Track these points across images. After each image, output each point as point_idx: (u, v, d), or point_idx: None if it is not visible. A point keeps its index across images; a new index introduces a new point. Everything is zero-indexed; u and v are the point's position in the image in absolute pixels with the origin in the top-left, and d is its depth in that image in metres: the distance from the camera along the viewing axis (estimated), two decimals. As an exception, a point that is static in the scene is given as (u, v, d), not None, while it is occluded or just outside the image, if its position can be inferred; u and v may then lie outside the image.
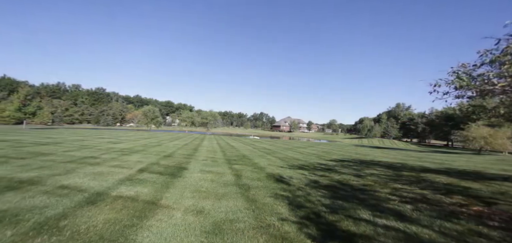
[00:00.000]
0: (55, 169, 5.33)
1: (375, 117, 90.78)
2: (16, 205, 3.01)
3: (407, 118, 73.69)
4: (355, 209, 3.49)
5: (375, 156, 14.89)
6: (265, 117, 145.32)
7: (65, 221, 2.57)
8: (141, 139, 18.54)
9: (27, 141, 12.00)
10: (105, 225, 2.53)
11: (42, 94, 72.30)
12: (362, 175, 6.74)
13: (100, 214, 2.82)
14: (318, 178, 5.97)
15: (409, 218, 3.15)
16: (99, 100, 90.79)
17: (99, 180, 4.54)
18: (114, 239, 2.23)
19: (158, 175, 5.32)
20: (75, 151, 8.83)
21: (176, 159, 8.27)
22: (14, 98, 39.55)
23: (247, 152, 12.62)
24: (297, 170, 7.22)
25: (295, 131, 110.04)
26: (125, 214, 2.87)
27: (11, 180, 4.22)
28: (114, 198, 3.49)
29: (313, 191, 4.52)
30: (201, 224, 2.69)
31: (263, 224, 2.79)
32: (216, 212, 3.11)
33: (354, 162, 10.38)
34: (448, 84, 4.42)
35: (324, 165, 8.91)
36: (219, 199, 3.70)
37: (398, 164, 10.38)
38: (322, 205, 3.61)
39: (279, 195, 4.14)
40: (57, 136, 16.38)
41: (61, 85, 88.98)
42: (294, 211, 3.29)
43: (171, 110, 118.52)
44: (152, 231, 2.45)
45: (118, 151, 9.65)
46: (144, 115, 61.34)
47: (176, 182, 4.69)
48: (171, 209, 3.14)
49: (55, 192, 3.61)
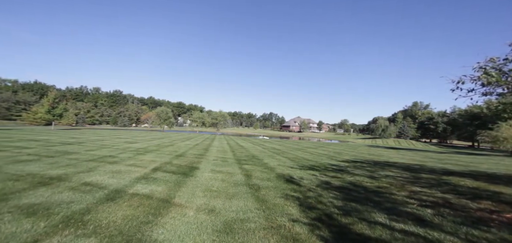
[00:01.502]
0: (79, 167, 5.72)
1: (389, 117, 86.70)
2: (47, 199, 3.27)
3: (426, 117, 69.45)
4: (370, 212, 3.36)
5: (390, 157, 14.20)
6: (275, 117, 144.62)
7: (89, 216, 2.75)
8: (154, 139, 19.30)
9: (55, 141, 13.01)
10: (124, 221, 2.67)
11: (68, 97, 78.03)
12: (376, 176, 6.46)
13: (119, 210, 2.98)
14: (329, 179, 5.82)
15: (430, 223, 2.97)
16: (116, 102, 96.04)
17: (117, 178, 4.80)
18: (131, 234, 2.35)
19: (171, 174, 5.51)
20: (96, 150, 9.40)
21: (188, 158, 8.49)
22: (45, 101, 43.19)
23: (256, 152, 12.63)
24: (307, 170, 7.10)
25: (305, 131, 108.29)
26: (141, 211, 3.01)
27: (43, 176, 4.60)
28: (131, 195, 3.67)
29: (325, 192, 4.42)
30: (213, 223, 2.74)
31: (274, 224, 2.78)
32: (227, 212, 3.15)
33: (367, 163, 9.98)
34: (473, 81, 4.09)
35: (335, 166, 8.67)
36: (229, 199, 3.75)
37: (416, 165, 9.81)
38: (334, 207, 3.52)
39: (290, 195, 4.10)
40: (80, 136, 17.57)
41: (84, 88, 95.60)
42: (305, 212, 3.23)
43: (182, 111, 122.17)
44: (167, 228, 2.54)
45: (134, 150, 10.12)
46: (158, 116, 63.77)
47: (188, 181, 4.82)
48: (183, 208, 3.23)
49: (80, 189, 3.87)
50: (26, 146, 9.84)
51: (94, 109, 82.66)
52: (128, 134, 26.88)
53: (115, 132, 29.62)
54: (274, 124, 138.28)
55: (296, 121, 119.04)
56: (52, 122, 42.04)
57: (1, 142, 11.04)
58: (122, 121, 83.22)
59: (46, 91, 66.80)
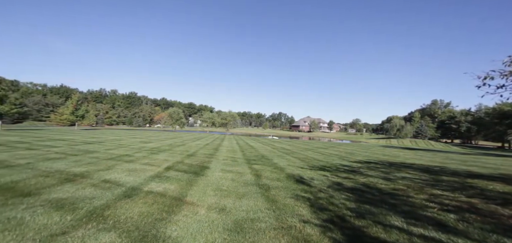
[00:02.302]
0: (99, 165, 6.09)
1: (405, 116, 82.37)
2: (72, 194, 3.53)
3: (447, 116, 64.90)
4: (385, 215, 3.22)
5: (407, 158, 13.47)
6: (284, 117, 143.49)
7: (109, 211, 2.93)
8: (167, 139, 20.00)
9: (78, 140, 13.98)
10: (140, 217, 2.80)
11: (89, 99, 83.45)
12: (391, 178, 6.17)
13: (135, 207, 3.13)
14: (341, 180, 5.66)
15: (453, 229, 2.77)
16: (132, 104, 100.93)
17: (133, 176, 5.04)
18: (147, 230, 2.46)
19: (182, 173, 5.68)
20: (113, 150, 9.96)
21: (199, 158, 8.70)
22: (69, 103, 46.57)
23: (266, 152, 12.62)
24: (318, 171, 6.96)
25: (315, 131, 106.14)
26: (155, 208, 3.14)
27: (68, 173, 4.97)
28: (146, 193, 3.84)
29: (336, 193, 4.30)
30: (224, 222, 2.79)
31: (284, 225, 2.76)
32: (237, 211, 3.19)
33: (381, 164, 9.56)
34: (504, 76, 3.75)
35: (347, 166, 8.41)
36: (240, 198, 3.78)
37: (436, 167, 9.22)
38: (347, 209, 3.42)
39: (300, 196, 4.05)
40: (100, 136, 18.70)
41: (103, 91, 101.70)
42: (317, 214, 3.18)
43: (193, 111, 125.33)
44: (179, 225, 2.63)
45: (148, 150, 10.57)
46: (170, 117, 66.01)
47: (199, 180, 4.94)
48: (195, 206, 3.32)
49: (100, 185, 4.13)
50: (54, 145, 10.68)
51: (111, 110, 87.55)
52: (143, 134, 28.11)
53: (131, 132, 31.12)
54: (284, 124, 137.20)
55: (306, 121, 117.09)
56: (75, 122, 45.22)
57: (34, 141, 12.08)
58: (137, 122, 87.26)
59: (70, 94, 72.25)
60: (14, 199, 3.22)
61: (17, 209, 2.88)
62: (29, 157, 6.88)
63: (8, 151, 7.96)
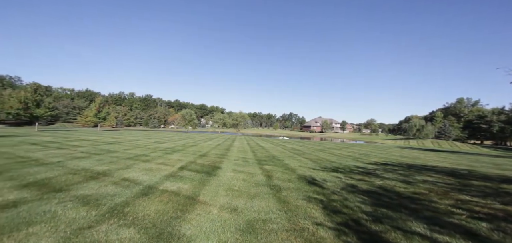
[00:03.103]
0: (119, 164, 6.49)
1: (426, 116, 76.97)
2: (96, 191, 3.81)
3: (475, 115, 59.53)
4: (405, 220, 3.04)
5: (428, 160, 12.58)
6: (295, 118, 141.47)
7: (128, 208, 3.11)
8: (180, 139, 20.70)
9: (101, 140, 15.00)
10: (156, 215, 2.93)
11: (109, 102, 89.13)
12: (411, 181, 5.81)
13: (152, 205, 3.29)
14: (355, 182, 5.45)
15: (486, 239, 2.54)
16: (147, 106, 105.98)
17: (150, 175, 5.29)
18: (163, 228, 2.57)
19: (195, 173, 5.84)
20: (131, 150, 10.54)
21: (210, 158, 8.89)
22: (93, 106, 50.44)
23: (276, 153, 12.54)
24: (330, 172, 6.76)
25: (327, 132, 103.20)
26: (170, 206, 3.27)
27: (93, 171, 5.36)
28: (161, 191, 4.01)
29: (351, 196, 4.15)
30: (236, 222, 2.82)
31: (296, 227, 2.72)
32: (249, 211, 3.21)
33: (399, 166, 9.03)
34: None
35: (362, 168, 8.07)
36: (251, 199, 3.81)
37: (463, 171, 8.49)
38: (362, 212, 3.28)
39: (312, 198, 3.97)
40: (119, 137, 19.90)
41: (122, 94, 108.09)
42: (330, 216, 3.09)
43: (205, 112, 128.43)
44: (193, 224, 2.71)
45: (163, 150, 11.03)
46: (183, 118, 68.29)
47: (211, 180, 5.05)
48: (208, 205, 3.40)
49: (120, 183, 4.39)
50: (80, 145, 11.57)
51: (129, 112, 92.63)
52: (157, 134, 29.38)
53: (147, 133, 32.66)
54: (294, 124, 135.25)
55: (317, 121, 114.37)
56: (98, 124, 48.69)
57: (64, 141, 13.20)
58: (152, 123, 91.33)
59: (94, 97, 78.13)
60: (48, 194, 3.55)
61: (51, 203, 3.17)
62: (59, 156, 7.53)
63: (42, 151, 8.78)
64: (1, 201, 3.17)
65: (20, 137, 15.53)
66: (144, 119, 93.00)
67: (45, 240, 2.18)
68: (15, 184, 4.05)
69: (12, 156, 7.26)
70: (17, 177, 4.52)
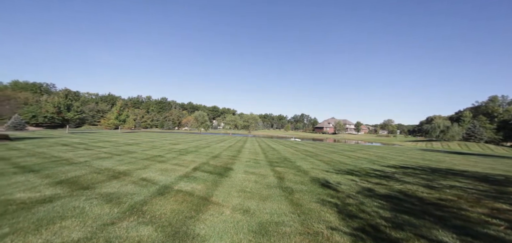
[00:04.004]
0: (137, 165, 6.86)
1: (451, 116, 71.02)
2: (117, 190, 4.07)
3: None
4: (430, 228, 2.82)
5: (455, 163, 11.57)
6: (306, 119, 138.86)
7: (146, 207, 3.27)
8: (193, 141, 21.34)
9: (121, 142, 16.01)
10: (172, 214, 3.05)
11: (129, 105, 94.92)
12: (436, 186, 5.38)
13: (167, 204, 3.42)
14: (372, 186, 5.18)
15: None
16: (163, 108, 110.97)
17: (165, 175, 5.52)
18: (178, 227, 2.67)
19: (208, 174, 5.98)
20: (148, 151, 11.09)
21: (222, 160, 9.04)
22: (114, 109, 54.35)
23: (288, 154, 12.38)
24: (345, 175, 6.51)
25: (340, 133, 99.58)
26: (185, 206, 3.38)
27: (114, 171, 5.74)
28: (176, 191, 4.16)
29: (367, 200, 3.96)
30: (248, 223, 2.83)
31: (310, 230, 2.66)
32: (261, 213, 3.21)
33: (421, 170, 8.42)
34: None
35: (379, 171, 7.66)
36: (263, 200, 3.80)
37: (499, 176, 7.68)
38: (381, 218, 3.11)
39: (326, 201, 3.85)
40: (137, 138, 21.06)
41: (139, 97, 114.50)
42: (345, 221, 2.98)
43: (216, 114, 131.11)
44: (207, 224, 2.77)
45: (177, 151, 11.45)
46: (196, 120, 70.37)
47: (224, 181, 5.13)
48: (220, 206, 3.46)
49: (139, 183, 4.64)
50: (103, 146, 12.45)
51: (146, 114, 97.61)
52: (172, 136, 30.56)
53: (162, 135, 34.14)
54: (306, 125, 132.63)
55: (330, 122, 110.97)
56: (118, 126, 52.10)
57: (90, 142, 14.32)
58: (167, 125, 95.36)
59: (115, 101, 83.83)
60: (77, 191, 3.87)
61: (80, 199, 3.45)
62: (86, 156, 8.18)
63: (72, 151, 9.60)
64: (40, 197, 3.52)
65: (54, 138, 17.13)
66: (160, 121, 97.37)
67: (75, 234, 2.37)
68: (50, 181, 4.48)
69: (48, 156, 8.03)
70: (52, 175, 5.00)
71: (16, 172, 5.18)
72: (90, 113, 73.34)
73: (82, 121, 62.50)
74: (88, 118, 71.52)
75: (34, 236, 2.31)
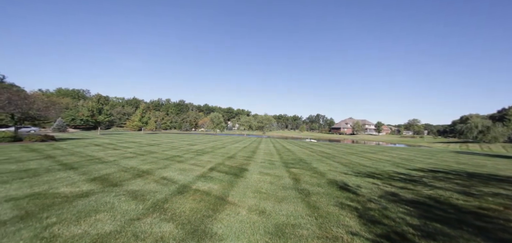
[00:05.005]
0: (158, 164, 7.30)
1: (493, 114, 62.72)
2: (142, 187, 4.37)
3: None
4: (469, 240, 2.53)
5: (500, 168, 10.20)
6: (322, 119, 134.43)
7: (167, 205, 3.46)
8: (209, 142, 22.00)
9: (144, 142, 17.19)
10: (191, 212, 3.18)
11: (150, 108, 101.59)
12: (474, 193, 4.80)
13: (186, 203, 3.58)
14: (396, 190, 4.81)
15: None
16: (181, 110, 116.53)
17: (184, 175, 5.78)
18: (197, 225, 2.77)
19: (224, 174, 6.11)
20: (168, 151, 11.72)
21: (238, 160, 9.16)
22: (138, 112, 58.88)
23: (304, 155, 12.10)
24: (365, 178, 6.15)
25: (359, 134, 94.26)
26: (202, 205, 3.50)
27: (138, 170, 6.19)
28: (194, 190, 4.33)
29: (392, 205, 3.69)
30: (264, 225, 2.83)
31: (329, 235, 2.57)
32: (277, 215, 3.18)
33: (455, 174, 7.58)
34: None
35: (404, 175, 7.08)
36: (279, 202, 3.76)
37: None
38: (408, 225, 2.87)
39: (345, 204, 3.68)
40: (157, 139, 22.41)
41: (160, 100, 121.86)
42: (367, 226, 2.81)
43: (231, 115, 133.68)
44: (224, 223, 2.84)
45: (194, 151, 11.91)
46: (211, 121, 72.61)
47: (239, 182, 5.20)
48: (236, 206, 3.51)
49: (160, 182, 4.93)
50: (128, 146, 13.50)
51: (166, 116, 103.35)
52: (189, 137, 31.87)
53: (180, 136, 35.78)
54: (322, 126, 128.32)
55: (347, 123, 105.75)
56: (141, 128, 56.17)
57: (117, 143, 15.64)
58: (184, 126, 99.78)
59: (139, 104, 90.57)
60: (108, 188, 4.25)
61: (110, 195, 3.79)
62: (115, 156, 8.94)
63: (103, 151, 10.58)
64: (79, 191, 3.95)
65: (88, 139, 19.06)
66: (178, 122, 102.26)
67: (107, 227, 2.61)
68: (86, 177, 5.00)
69: (84, 154, 8.97)
70: (87, 172, 5.57)
71: (60, 169, 5.88)
72: (117, 116, 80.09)
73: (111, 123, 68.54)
74: (116, 120, 78.13)
75: (75, 226, 2.59)
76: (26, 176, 4.96)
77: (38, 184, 4.36)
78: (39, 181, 4.56)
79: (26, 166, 6.13)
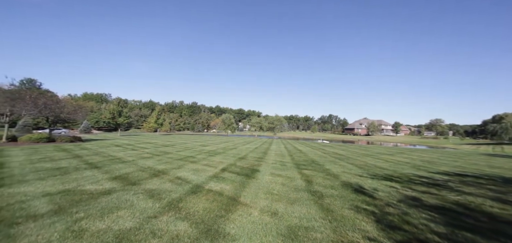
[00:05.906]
0: (173, 164, 7.59)
1: (533, 109, 55.85)
2: (158, 187, 4.58)
3: None
4: (502, 252, 2.29)
5: (541, 170, 9.06)
6: (335, 120, 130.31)
7: (181, 204, 3.58)
8: (221, 142, 22.38)
9: (159, 143, 17.99)
10: (204, 212, 3.26)
11: (165, 110, 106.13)
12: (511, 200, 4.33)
13: (200, 202, 3.67)
14: (418, 194, 4.50)
15: None
16: (193, 112, 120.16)
17: (197, 175, 5.94)
18: (210, 224, 2.83)
19: (235, 175, 6.17)
20: (182, 152, 12.13)
21: (249, 161, 9.21)
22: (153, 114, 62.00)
23: (316, 157, 11.82)
24: (382, 181, 5.84)
25: (375, 134, 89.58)
26: (215, 205, 3.56)
27: (155, 170, 6.49)
28: (207, 191, 4.43)
29: (413, 210, 3.46)
30: (277, 226, 2.81)
31: (344, 239, 2.48)
32: (290, 217, 3.14)
33: (487, 179, 6.90)
34: None
35: (426, 178, 6.60)
36: (291, 204, 3.71)
37: None
38: (432, 233, 2.67)
39: (361, 208, 3.52)
40: (172, 140, 23.32)
41: (174, 102, 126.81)
42: (386, 232, 2.66)
43: (242, 116, 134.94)
44: (236, 224, 2.86)
45: (206, 152, 12.19)
46: (223, 122, 73.80)
47: (251, 183, 5.22)
48: (249, 207, 3.52)
49: (174, 181, 5.12)
50: (145, 147, 14.22)
51: (179, 118, 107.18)
52: (202, 138, 32.71)
53: (193, 137, 36.87)
54: (335, 126, 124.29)
55: (362, 123, 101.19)
56: (157, 129, 58.94)
57: (135, 144, 16.57)
58: (197, 127, 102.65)
59: (154, 106, 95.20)
60: (127, 186, 4.51)
61: (129, 193, 4.02)
62: (133, 156, 9.47)
63: (123, 151, 11.27)
64: (102, 189, 4.25)
65: (110, 140, 20.42)
66: (191, 124, 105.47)
67: (128, 223, 2.77)
68: (109, 176, 5.37)
69: (106, 154, 9.63)
70: (109, 171, 5.97)
71: (86, 168, 6.38)
72: (135, 118, 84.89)
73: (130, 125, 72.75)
74: (134, 122, 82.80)
75: (100, 221, 2.79)
76: (59, 174, 5.45)
77: (68, 181, 4.77)
78: (69, 179, 4.98)
79: (58, 165, 6.73)
